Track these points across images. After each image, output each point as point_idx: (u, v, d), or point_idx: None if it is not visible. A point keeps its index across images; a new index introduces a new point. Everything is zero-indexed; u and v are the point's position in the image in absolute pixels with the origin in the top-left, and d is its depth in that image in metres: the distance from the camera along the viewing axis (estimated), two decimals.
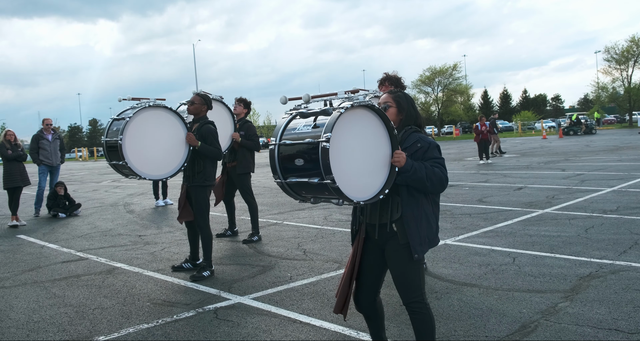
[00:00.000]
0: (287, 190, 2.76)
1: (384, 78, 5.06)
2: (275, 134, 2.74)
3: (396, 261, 2.85)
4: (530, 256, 5.40)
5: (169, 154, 5.22)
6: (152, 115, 5.16)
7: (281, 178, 2.71)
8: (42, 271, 5.92)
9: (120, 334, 3.87)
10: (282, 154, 2.70)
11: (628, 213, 7.32)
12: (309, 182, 2.61)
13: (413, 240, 2.78)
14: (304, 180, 2.63)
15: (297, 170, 2.66)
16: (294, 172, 2.68)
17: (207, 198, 5.46)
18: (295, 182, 2.68)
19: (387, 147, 2.78)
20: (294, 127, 2.73)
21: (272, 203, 10.54)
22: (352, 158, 2.67)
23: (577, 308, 3.90)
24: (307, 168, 2.61)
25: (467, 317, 3.86)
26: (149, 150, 5.11)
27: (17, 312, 4.52)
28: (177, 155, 5.26)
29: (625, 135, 31.51)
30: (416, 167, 2.75)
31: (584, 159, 16.48)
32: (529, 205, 8.40)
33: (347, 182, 2.60)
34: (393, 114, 2.92)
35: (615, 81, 51.55)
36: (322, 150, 2.49)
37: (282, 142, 2.70)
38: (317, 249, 6.25)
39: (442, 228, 7.09)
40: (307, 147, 2.60)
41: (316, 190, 2.63)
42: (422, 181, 2.75)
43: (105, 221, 9.38)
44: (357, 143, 2.69)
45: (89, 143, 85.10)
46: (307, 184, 2.63)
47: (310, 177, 2.59)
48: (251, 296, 4.60)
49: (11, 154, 9.33)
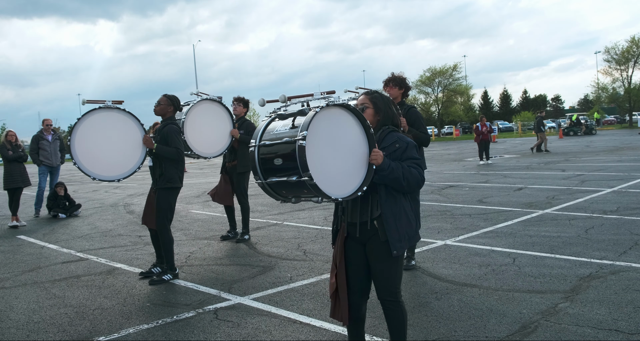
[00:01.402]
0: (268, 191, 2.79)
1: (389, 79, 5.07)
2: (255, 136, 2.79)
3: (376, 258, 2.89)
4: (531, 256, 5.40)
5: (124, 156, 5.15)
6: (105, 117, 5.09)
7: (262, 179, 2.75)
8: (42, 271, 5.92)
9: (120, 334, 3.87)
10: (262, 155, 2.75)
11: (628, 213, 7.32)
12: (287, 181, 2.66)
13: (392, 237, 2.83)
14: (283, 179, 2.67)
15: (277, 170, 2.71)
16: (274, 172, 2.72)
17: (169, 201, 5.35)
18: (275, 182, 2.72)
19: (364, 146, 2.84)
20: (272, 129, 2.79)
21: (272, 203, 10.54)
22: (329, 156, 2.72)
23: (577, 309, 3.90)
24: (286, 167, 2.66)
25: (467, 317, 3.86)
26: (100, 151, 5.03)
27: (17, 313, 4.52)
28: (132, 157, 5.17)
29: (625, 136, 31.52)
30: (393, 167, 2.81)
31: (584, 160, 16.48)
32: (529, 206, 8.40)
33: (325, 179, 2.64)
34: (370, 115, 2.97)
35: (616, 82, 51.58)
36: (299, 148, 2.55)
37: (262, 143, 2.76)
38: (317, 249, 6.25)
39: (442, 228, 7.09)
40: (285, 146, 2.66)
41: (295, 188, 2.69)
42: (399, 180, 2.82)
43: (105, 221, 9.38)
44: (334, 142, 2.75)
45: None
46: (286, 183, 2.68)
47: (289, 175, 2.64)
48: (251, 297, 4.60)
49: (12, 155, 9.34)
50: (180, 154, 5.35)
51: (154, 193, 5.42)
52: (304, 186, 2.63)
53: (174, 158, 5.32)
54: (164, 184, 5.30)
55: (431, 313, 3.97)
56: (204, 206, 10.80)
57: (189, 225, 8.51)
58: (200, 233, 7.82)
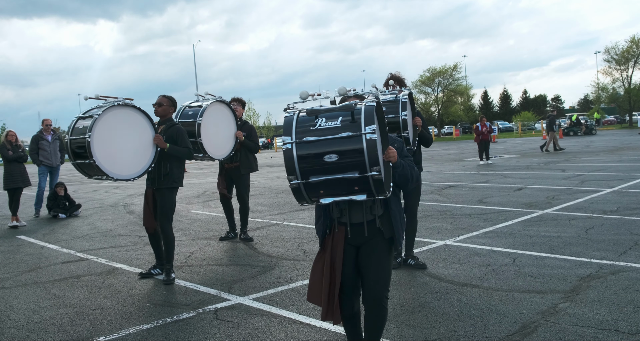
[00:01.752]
0: (300, 192, 2.65)
1: (388, 79, 5.16)
2: (289, 133, 2.62)
3: (377, 257, 2.91)
4: (531, 256, 5.40)
5: (136, 155, 5.08)
6: (120, 114, 5.02)
7: (299, 179, 2.61)
8: (42, 271, 5.92)
9: (120, 335, 3.87)
10: (303, 153, 2.59)
11: (628, 213, 7.32)
12: (341, 178, 2.57)
13: (398, 234, 2.95)
14: (334, 177, 2.57)
15: (327, 168, 2.58)
16: (321, 171, 2.58)
17: (173, 200, 5.35)
18: (318, 181, 2.59)
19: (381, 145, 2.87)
20: (311, 124, 2.63)
21: (272, 203, 10.55)
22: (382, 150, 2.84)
23: (577, 309, 3.90)
24: (344, 163, 2.55)
25: (467, 318, 3.86)
26: (117, 149, 4.96)
27: (17, 313, 4.52)
28: (144, 156, 5.12)
29: (625, 136, 31.51)
30: (404, 164, 2.93)
31: (584, 160, 16.48)
32: (529, 206, 8.40)
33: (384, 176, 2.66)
34: None
35: (616, 82, 51.57)
36: (369, 142, 2.51)
37: (303, 140, 2.59)
38: (317, 250, 6.24)
39: (442, 228, 7.09)
40: (343, 141, 2.55)
41: (344, 185, 2.60)
42: (407, 177, 2.92)
43: (106, 222, 9.38)
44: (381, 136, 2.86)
45: None
46: (333, 181, 2.58)
47: (346, 172, 2.56)
48: (251, 297, 4.60)
49: (12, 155, 9.33)
50: (192, 154, 5.45)
51: (151, 193, 5.37)
52: (361, 182, 2.57)
53: (186, 158, 5.38)
54: (171, 184, 5.29)
55: (431, 313, 3.97)
56: (204, 206, 10.80)
57: (189, 225, 8.51)
58: (200, 233, 7.82)
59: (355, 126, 2.55)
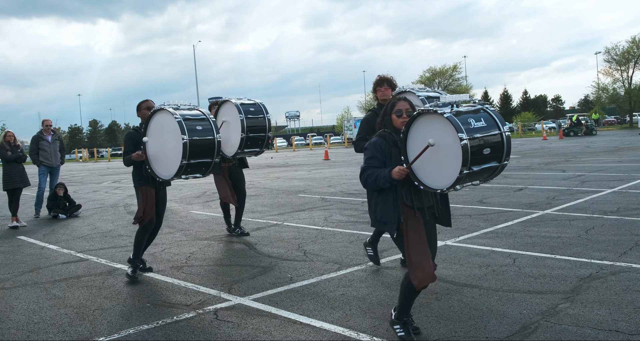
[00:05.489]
0: (461, 180, 3.15)
1: (382, 79, 5.10)
2: (461, 130, 3.07)
3: (435, 231, 3.66)
4: (531, 257, 5.40)
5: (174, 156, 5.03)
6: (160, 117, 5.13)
7: (469, 169, 3.11)
8: (43, 272, 5.92)
9: (120, 335, 3.87)
10: (474, 147, 3.10)
11: (628, 214, 7.31)
12: (490, 167, 3.25)
13: (450, 214, 3.72)
14: (488, 165, 3.23)
15: (484, 159, 3.19)
16: (481, 161, 3.18)
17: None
18: (479, 170, 3.19)
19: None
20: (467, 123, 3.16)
21: (272, 204, 10.55)
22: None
23: (577, 310, 3.89)
24: (492, 155, 3.23)
25: (467, 318, 3.86)
26: (159, 151, 5.20)
27: (17, 313, 4.52)
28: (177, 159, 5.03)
29: (625, 136, 31.51)
30: None
31: (585, 160, 16.48)
32: (529, 206, 8.39)
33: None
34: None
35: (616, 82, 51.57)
36: (507, 138, 3.27)
37: (472, 136, 3.11)
38: (318, 250, 6.25)
39: (442, 229, 7.06)
40: (493, 137, 3.23)
41: (486, 173, 3.30)
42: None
43: (106, 222, 9.37)
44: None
45: (89, 144, 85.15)
46: (486, 169, 3.25)
47: (492, 161, 3.25)
48: (251, 297, 4.60)
49: (11, 155, 9.33)
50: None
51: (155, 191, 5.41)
52: (495, 170, 3.32)
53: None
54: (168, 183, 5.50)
55: (431, 314, 3.97)
56: (204, 206, 10.80)
57: (189, 226, 8.51)
58: (200, 233, 7.82)
59: (495, 125, 3.27)
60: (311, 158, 30.46)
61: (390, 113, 3.50)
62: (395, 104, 3.50)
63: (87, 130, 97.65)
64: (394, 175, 3.30)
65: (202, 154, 4.94)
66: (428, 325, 3.76)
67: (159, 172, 5.14)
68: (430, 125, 3.23)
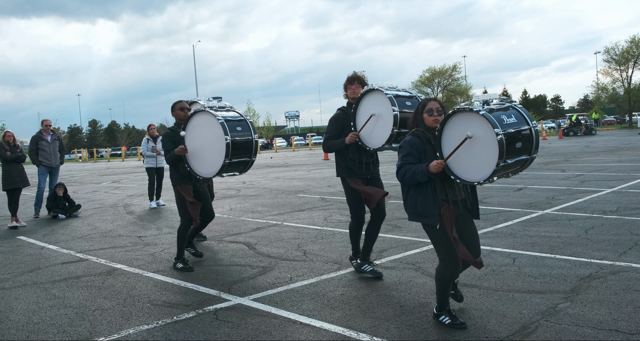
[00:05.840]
0: (497, 171, 3.39)
1: (354, 77, 5.06)
2: (495, 125, 3.32)
3: (470, 222, 3.81)
4: (530, 257, 5.40)
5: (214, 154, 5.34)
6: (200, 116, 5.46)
7: (504, 161, 3.35)
8: (42, 272, 5.92)
9: (120, 335, 3.87)
10: (508, 141, 3.34)
11: (628, 214, 7.32)
12: (520, 160, 3.50)
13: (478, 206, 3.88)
14: (519, 158, 3.48)
15: (516, 152, 3.45)
16: (513, 154, 3.43)
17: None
18: (512, 162, 3.43)
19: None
20: (500, 119, 3.39)
21: (272, 204, 10.55)
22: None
23: (577, 309, 3.90)
24: (523, 148, 3.50)
25: (467, 318, 3.86)
26: (199, 149, 5.47)
27: (17, 313, 4.51)
28: (219, 157, 5.28)
29: (625, 136, 31.53)
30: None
31: (584, 160, 16.48)
32: (529, 206, 8.40)
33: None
34: None
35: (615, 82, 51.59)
36: (536, 132, 3.55)
37: (507, 131, 3.36)
38: (317, 250, 6.25)
39: None
40: (524, 132, 3.49)
41: (516, 166, 3.53)
42: None
43: (105, 222, 9.37)
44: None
45: (88, 144, 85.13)
46: (517, 162, 3.49)
47: (523, 155, 3.51)
48: (251, 297, 4.60)
49: (10, 155, 9.32)
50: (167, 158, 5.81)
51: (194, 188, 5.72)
52: (526, 162, 3.57)
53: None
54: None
55: (431, 314, 3.97)
56: None
57: None
58: None
59: (525, 121, 3.52)
60: (311, 158, 30.46)
61: (421, 113, 3.73)
62: (426, 104, 3.75)
63: (86, 130, 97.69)
64: (431, 169, 3.50)
65: (242, 153, 5.30)
66: (428, 325, 3.76)
67: (199, 170, 5.47)
68: (465, 122, 3.47)
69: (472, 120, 3.44)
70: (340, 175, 5.10)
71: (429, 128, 3.70)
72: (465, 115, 3.49)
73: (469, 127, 3.42)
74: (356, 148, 4.92)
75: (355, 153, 4.93)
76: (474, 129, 3.41)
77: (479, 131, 3.40)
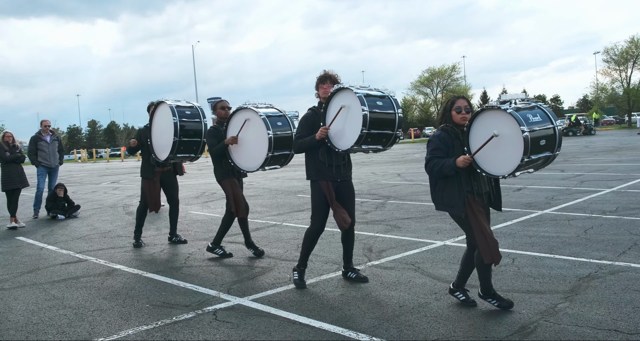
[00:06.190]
0: (521, 167, 3.58)
1: (326, 76, 4.89)
2: (522, 123, 3.50)
3: (489, 214, 4.10)
4: (530, 257, 5.40)
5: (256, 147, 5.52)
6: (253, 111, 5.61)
7: (528, 157, 3.52)
8: (41, 273, 5.91)
9: (119, 336, 3.87)
10: (533, 138, 3.52)
11: (627, 214, 7.32)
12: (545, 156, 3.69)
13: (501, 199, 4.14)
14: (544, 154, 3.67)
15: (541, 149, 3.63)
16: (538, 151, 3.60)
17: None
18: (535, 158, 3.59)
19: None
20: (526, 118, 3.56)
21: (271, 204, 10.54)
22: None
23: (576, 309, 3.90)
24: (547, 145, 3.67)
25: (466, 318, 3.86)
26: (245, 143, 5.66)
27: (16, 314, 4.51)
28: (262, 150, 5.43)
29: (624, 136, 31.55)
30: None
31: (583, 160, 16.49)
32: (528, 206, 8.40)
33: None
34: None
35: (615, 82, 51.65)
36: (559, 131, 3.73)
37: (532, 129, 3.54)
38: (316, 250, 6.24)
39: (441, 229, 7.09)
40: (548, 131, 3.66)
41: (540, 162, 3.74)
42: None
43: (105, 222, 9.36)
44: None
45: (88, 145, 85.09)
46: (541, 158, 3.68)
47: (546, 151, 3.68)
48: (250, 298, 4.60)
49: (9, 156, 9.31)
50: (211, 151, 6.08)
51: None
52: (548, 159, 3.76)
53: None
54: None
55: (430, 314, 3.97)
56: (202, 207, 10.80)
57: (188, 226, 8.51)
58: (199, 234, 7.81)
59: (549, 120, 3.70)
60: None
61: (450, 110, 3.98)
62: (455, 102, 3.99)
63: (86, 131, 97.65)
64: (458, 163, 3.74)
65: (283, 147, 5.41)
66: (427, 325, 3.76)
67: (242, 164, 5.70)
68: (493, 119, 3.67)
69: (499, 118, 3.63)
70: (310, 178, 4.85)
71: (457, 125, 3.94)
72: (493, 112, 3.68)
73: (497, 124, 3.62)
74: (326, 150, 4.71)
75: (325, 156, 4.72)
76: (501, 126, 3.59)
77: (506, 128, 3.58)
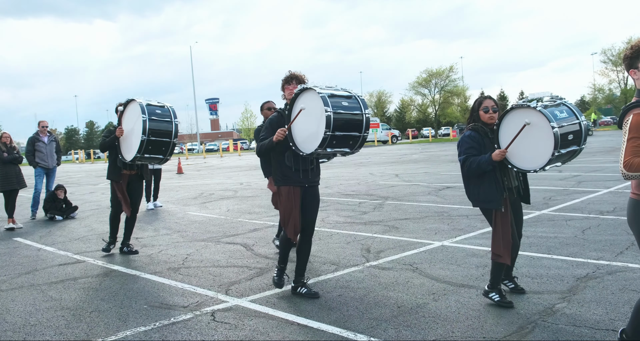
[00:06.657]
0: (552, 161, 3.81)
1: (291, 77, 4.75)
2: (551, 120, 3.71)
3: (520, 208, 4.37)
4: (528, 257, 5.41)
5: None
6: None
7: (558, 151, 3.73)
8: (39, 274, 5.90)
9: (117, 337, 3.86)
10: (563, 134, 3.74)
11: (625, 214, 7.30)
12: (573, 150, 3.88)
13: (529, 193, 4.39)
14: (572, 148, 3.86)
15: (569, 143, 3.82)
16: (566, 145, 3.80)
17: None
18: (563, 153, 3.79)
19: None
20: (553, 115, 3.76)
21: (270, 205, 10.52)
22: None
23: (574, 309, 3.90)
24: (574, 140, 3.86)
25: (464, 318, 3.86)
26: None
27: (14, 315, 4.50)
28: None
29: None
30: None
31: (581, 160, 16.52)
32: (525, 207, 8.39)
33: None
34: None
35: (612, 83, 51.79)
36: (585, 126, 3.92)
37: (562, 125, 3.75)
38: (315, 251, 6.24)
39: (439, 229, 7.10)
40: (575, 126, 3.86)
41: (568, 156, 3.92)
42: None
43: (102, 223, 9.35)
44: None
45: (85, 146, 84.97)
46: (569, 152, 3.87)
47: (574, 145, 3.87)
48: (249, 299, 4.60)
49: (7, 157, 9.29)
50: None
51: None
52: (575, 153, 3.94)
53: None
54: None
55: (429, 314, 3.98)
56: (200, 208, 10.79)
57: (186, 227, 8.50)
58: (197, 234, 7.81)
59: (575, 116, 3.89)
60: None
61: (478, 110, 4.20)
62: (482, 102, 4.21)
63: (83, 132, 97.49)
64: (495, 157, 3.95)
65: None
66: (425, 326, 3.76)
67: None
68: (522, 117, 3.86)
69: (528, 116, 3.84)
70: (277, 184, 4.63)
71: (485, 124, 4.17)
72: (522, 110, 3.89)
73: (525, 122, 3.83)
74: (293, 154, 4.50)
75: (291, 160, 4.51)
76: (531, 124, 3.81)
77: (534, 124, 3.80)
